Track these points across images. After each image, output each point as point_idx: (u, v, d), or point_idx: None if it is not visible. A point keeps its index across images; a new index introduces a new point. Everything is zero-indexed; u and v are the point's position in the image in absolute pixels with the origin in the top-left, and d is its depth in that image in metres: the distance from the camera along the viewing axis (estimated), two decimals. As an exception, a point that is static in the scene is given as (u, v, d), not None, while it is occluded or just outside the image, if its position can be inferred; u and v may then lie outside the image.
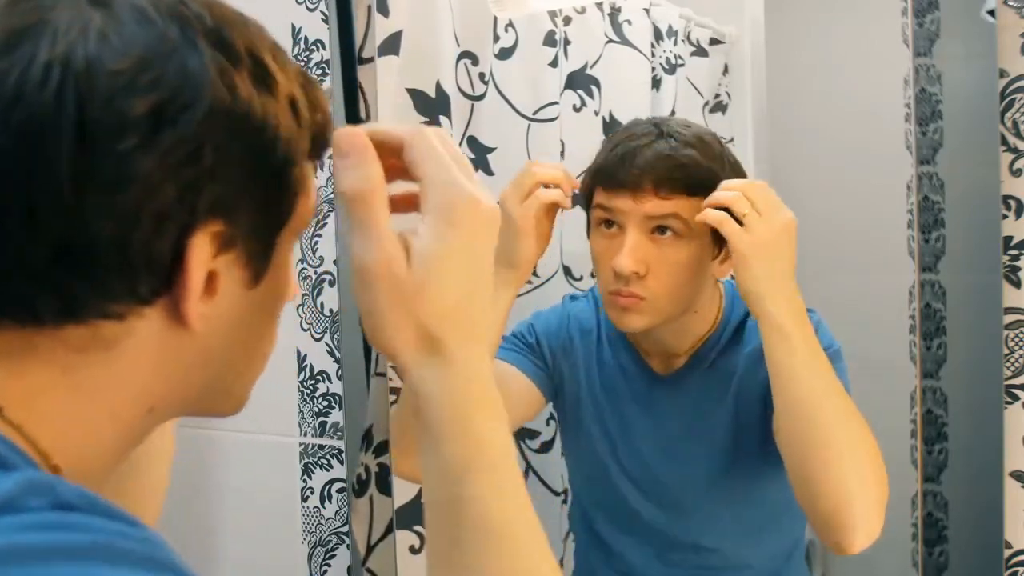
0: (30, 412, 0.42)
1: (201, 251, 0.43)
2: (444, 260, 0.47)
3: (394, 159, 0.49)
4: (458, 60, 1.17)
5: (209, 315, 0.45)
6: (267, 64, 0.45)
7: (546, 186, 0.95)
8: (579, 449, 1.09)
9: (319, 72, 1.15)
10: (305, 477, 1.17)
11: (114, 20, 0.41)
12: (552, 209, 0.96)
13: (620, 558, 1.06)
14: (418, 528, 1.07)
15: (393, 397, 1.05)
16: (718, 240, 0.93)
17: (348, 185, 0.47)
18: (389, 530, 1.09)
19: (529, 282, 1.30)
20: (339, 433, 1.17)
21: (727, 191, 0.86)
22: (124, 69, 0.40)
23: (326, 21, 1.15)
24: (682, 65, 1.54)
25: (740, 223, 0.84)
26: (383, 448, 1.09)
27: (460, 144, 1.21)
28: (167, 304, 0.44)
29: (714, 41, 1.61)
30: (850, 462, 0.82)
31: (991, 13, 0.98)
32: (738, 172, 0.96)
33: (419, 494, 1.06)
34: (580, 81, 1.36)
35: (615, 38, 1.40)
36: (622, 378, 1.06)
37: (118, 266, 0.41)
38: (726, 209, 0.85)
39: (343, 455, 1.17)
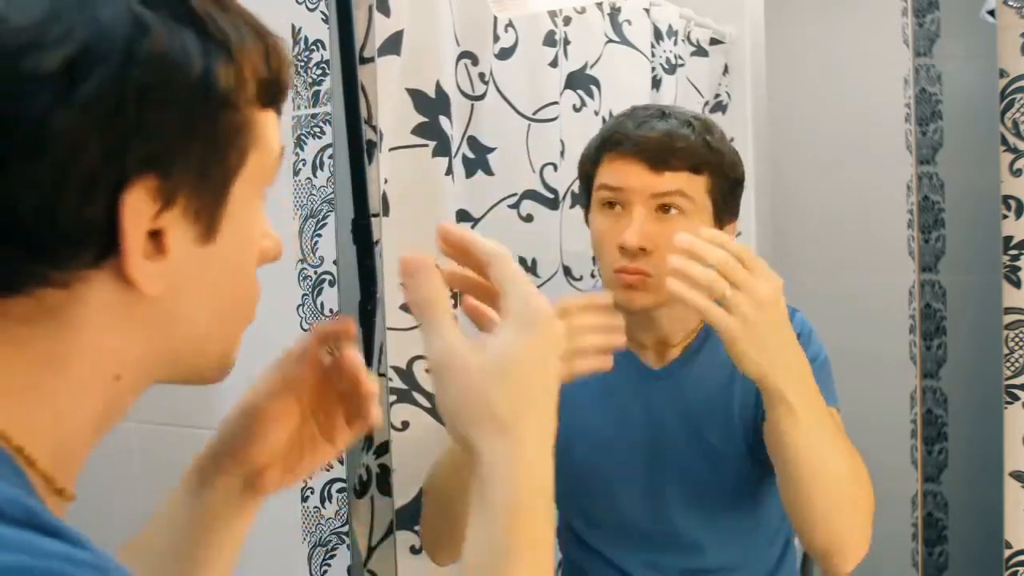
0: None
1: (137, 209, 0.40)
2: (521, 357, 0.52)
3: (473, 267, 0.56)
4: (458, 60, 1.17)
5: (160, 275, 0.42)
6: (197, 9, 0.43)
7: None
8: (569, 453, 1.08)
9: (319, 72, 1.15)
10: (305, 477, 1.17)
11: None
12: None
13: (610, 563, 1.05)
14: (419, 528, 1.07)
15: (393, 397, 1.05)
16: (718, 217, 0.96)
17: (416, 297, 0.52)
18: (390, 531, 1.09)
19: (529, 282, 1.29)
20: (339, 433, 1.17)
21: (701, 264, 0.77)
22: (29, 24, 0.38)
23: (326, 21, 1.15)
24: (682, 65, 1.54)
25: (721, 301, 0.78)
26: (384, 449, 1.09)
27: (460, 144, 1.21)
28: (116, 267, 0.41)
29: (714, 41, 1.61)
30: (847, 509, 0.85)
31: (991, 13, 0.99)
32: (737, 161, 0.98)
33: (419, 495, 1.06)
34: (580, 81, 1.36)
35: (615, 38, 1.40)
36: (614, 374, 1.05)
37: (50, 234, 0.39)
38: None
39: (343, 455, 1.16)
